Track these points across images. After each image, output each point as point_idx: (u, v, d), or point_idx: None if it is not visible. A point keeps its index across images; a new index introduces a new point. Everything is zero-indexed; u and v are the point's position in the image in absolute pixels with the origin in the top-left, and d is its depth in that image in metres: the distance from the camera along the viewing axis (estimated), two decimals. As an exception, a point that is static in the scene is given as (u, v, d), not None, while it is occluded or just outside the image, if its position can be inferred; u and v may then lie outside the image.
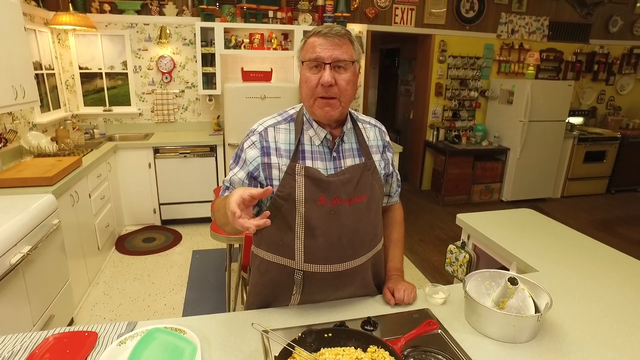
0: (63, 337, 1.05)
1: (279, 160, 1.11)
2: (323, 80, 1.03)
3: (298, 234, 1.10)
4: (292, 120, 1.16)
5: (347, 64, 1.05)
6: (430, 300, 1.26)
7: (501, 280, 1.23)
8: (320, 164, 1.12)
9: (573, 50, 5.50)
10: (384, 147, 1.26)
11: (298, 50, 1.12)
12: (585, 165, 5.43)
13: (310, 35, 1.08)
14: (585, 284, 1.41)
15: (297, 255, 1.12)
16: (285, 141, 1.13)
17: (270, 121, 1.17)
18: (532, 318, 1.07)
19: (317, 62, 1.04)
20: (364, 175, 1.15)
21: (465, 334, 1.12)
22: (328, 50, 1.03)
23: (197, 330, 1.08)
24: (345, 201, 1.11)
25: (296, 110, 1.19)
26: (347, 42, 1.06)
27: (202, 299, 2.83)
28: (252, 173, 1.12)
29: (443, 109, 5.27)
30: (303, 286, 1.16)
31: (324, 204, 1.09)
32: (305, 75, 1.08)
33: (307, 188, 1.09)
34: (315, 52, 1.04)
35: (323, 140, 1.13)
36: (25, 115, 3.18)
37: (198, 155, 3.88)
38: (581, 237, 1.81)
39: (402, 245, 1.37)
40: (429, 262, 3.53)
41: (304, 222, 1.09)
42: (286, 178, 1.09)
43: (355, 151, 1.18)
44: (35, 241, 1.97)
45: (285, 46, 4.22)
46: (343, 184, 1.11)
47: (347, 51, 1.06)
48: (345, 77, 1.06)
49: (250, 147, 1.14)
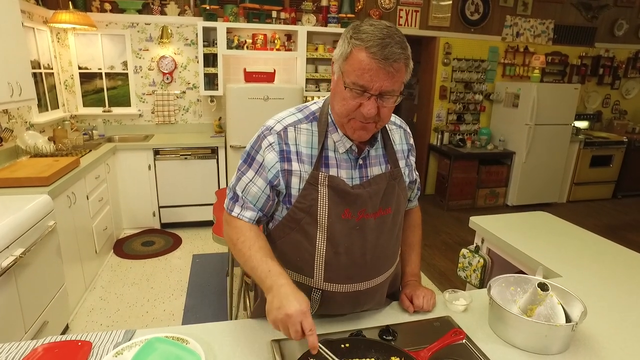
0: (54, 347, 0.96)
1: (300, 167, 0.98)
2: (365, 112, 0.89)
3: (319, 251, 1.00)
4: (314, 120, 1.02)
5: (394, 93, 0.89)
6: (450, 307, 1.18)
7: (527, 285, 1.15)
8: (344, 172, 1.00)
9: (578, 54, 5.44)
10: (408, 151, 1.15)
11: (340, 54, 0.91)
12: (592, 170, 5.35)
13: (361, 46, 0.85)
14: (615, 291, 1.32)
15: (316, 273, 1.02)
16: (307, 144, 0.99)
17: (290, 119, 1.02)
18: (566, 327, 0.98)
19: (362, 90, 0.87)
20: (390, 185, 1.04)
21: (491, 344, 1.03)
22: (379, 80, 0.85)
23: (201, 340, 0.99)
24: (371, 215, 1.01)
25: (319, 106, 1.04)
26: (402, 68, 0.87)
27: (202, 305, 2.73)
28: (271, 182, 0.99)
29: (447, 112, 5.20)
30: (319, 304, 1.06)
31: (349, 219, 0.99)
32: (342, 93, 0.90)
33: (331, 200, 0.97)
34: (362, 78, 0.86)
35: (348, 149, 1.01)
36: (22, 114, 3.09)
37: (199, 157, 3.80)
38: (602, 241, 1.73)
39: (420, 249, 1.28)
40: (435, 267, 3.44)
41: (327, 237, 0.99)
42: (308, 188, 0.98)
43: (382, 157, 1.06)
44: (28, 243, 1.88)
45: (289, 47, 4.15)
46: (370, 196, 1.00)
47: (400, 79, 0.88)
48: (389, 105, 0.91)
49: (268, 149, 0.98)
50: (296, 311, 0.83)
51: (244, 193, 1.02)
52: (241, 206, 1.02)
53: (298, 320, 0.83)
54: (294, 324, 0.83)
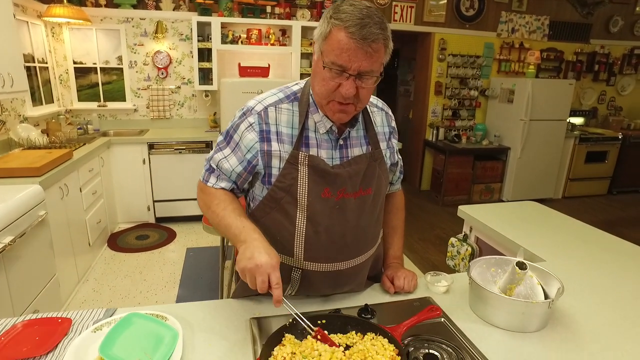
0: (33, 324, 0.97)
1: (280, 147, 0.99)
2: (343, 92, 0.89)
3: (299, 230, 1.01)
4: (295, 100, 1.02)
5: (373, 73, 0.90)
6: (432, 288, 1.18)
7: (508, 267, 1.16)
8: (324, 152, 1.01)
9: (573, 50, 5.45)
10: (390, 133, 1.16)
11: (319, 34, 0.90)
12: (587, 166, 5.36)
13: (340, 26, 0.85)
14: (596, 275, 1.32)
15: (296, 252, 1.03)
16: (288, 124, 1.00)
17: (271, 99, 1.02)
18: (542, 304, 0.99)
19: (340, 69, 0.88)
20: (371, 166, 1.05)
21: (470, 323, 1.04)
22: (357, 60, 0.85)
23: (180, 318, 1.00)
24: (351, 195, 1.01)
25: (300, 87, 1.05)
26: (381, 48, 0.87)
27: (194, 296, 2.74)
28: (249, 161, 1.00)
29: (443, 108, 5.20)
30: (300, 284, 1.07)
31: (329, 197, 0.99)
32: (322, 73, 0.90)
33: (310, 179, 0.98)
34: (340, 58, 0.86)
35: (329, 129, 1.01)
36: (16, 107, 3.10)
37: (194, 151, 3.80)
38: (589, 229, 1.74)
39: (402, 232, 1.29)
40: (428, 260, 3.44)
41: (306, 216, 0.99)
42: (287, 167, 0.98)
43: (363, 139, 1.07)
44: (18, 232, 1.88)
45: (283, 42, 4.16)
46: (350, 176, 1.01)
47: (378, 59, 0.88)
48: (368, 86, 0.91)
49: (248, 129, 0.99)
50: (266, 262, 0.85)
51: (218, 167, 1.04)
52: (217, 177, 1.05)
53: (267, 271, 0.85)
54: (261, 274, 0.85)
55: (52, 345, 0.89)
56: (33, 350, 0.87)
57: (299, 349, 0.83)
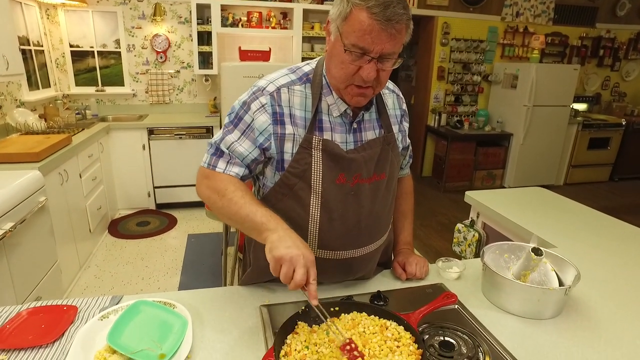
0: (38, 311, 0.94)
1: (294, 130, 0.94)
2: (365, 76, 0.85)
3: (313, 217, 0.97)
4: (307, 81, 0.97)
5: (395, 55, 0.85)
6: (443, 274, 1.16)
7: (521, 252, 1.14)
8: (338, 136, 0.97)
9: (579, 35, 5.36)
10: (401, 116, 1.12)
11: (338, 14, 0.84)
12: (589, 152, 5.33)
13: (361, 6, 0.80)
14: (609, 261, 1.31)
15: (310, 240, 0.99)
16: (301, 107, 0.95)
17: (283, 79, 0.97)
18: (559, 291, 0.97)
19: (362, 52, 0.83)
20: (384, 150, 1.01)
21: (483, 310, 1.02)
22: (380, 42, 0.81)
23: (189, 305, 0.97)
24: (366, 180, 0.98)
25: (312, 67, 0.99)
26: (403, 30, 0.82)
27: (197, 283, 2.73)
28: (262, 145, 0.94)
29: (445, 93, 5.14)
30: None
31: (344, 184, 0.96)
32: (340, 56, 0.85)
33: (325, 165, 0.94)
34: (362, 40, 0.81)
35: (343, 113, 0.97)
36: (12, 91, 3.03)
37: (194, 137, 3.75)
38: (598, 215, 1.72)
39: (412, 217, 1.27)
40: (431, 246, 3.44)
41: (321, 203, 0.96)
42: (301, 152, 0.94)
43: (376, 122, 1.03)
44: (18, 218, 1.85)
45: (284, 25, 4.07)
46: (365, 161, 0.97)
47: (400, 41, 0.84)
48: (388, 68, 0.87)
49: (260, 110, 0.93)
50: (308, 255, 0.80)
51: (230, 150, 0.96)
52: (227, 162, 0.97)
53: (307, 265, 0.79)
54: (303, 266, 0.78)
55: (58, 334, 0.87)
56: (39, 338, 0.85)
57: (312, 339, 0.81)
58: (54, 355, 0.81)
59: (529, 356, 0.86)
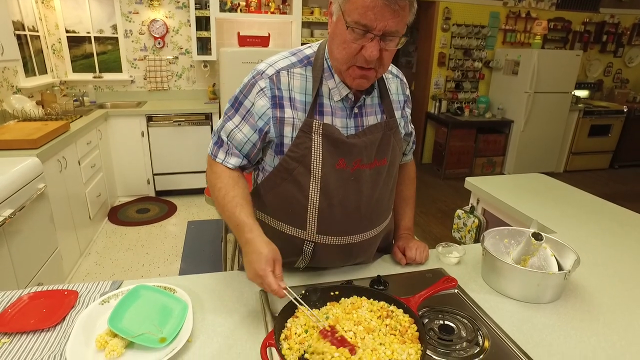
0: (39, 296, 0.94)
1: (293, 114, 0.93)
2: (367, 55, 0.82)
3: (312, 202, 0.96)
4: (308, 64, 0.95)
5: (398, 34, 0.83)
6: (443, 259, 1.16)
7: (521, 238, 1.14)
8: (339, 121, 0.95)
9: (582, 20, 5.29)
10: (404, 102, 1.10)
11: None
12: (590, 139, 5.31)
13: None
14: (608, 246, 1.31)
15: (309, 225, 0.98)
16: (301, 90, 0.94)
17: (283, 62, 0.95)
18: (559, 275, 0.97)
19: (364, 30, 0.81)
20: (386, 135, 1.00)
21: (483, 294, 1.02)
22: (383, 19, 0.79)
23: (189, 290, 0.98)
24: (366, 166, 0.97)
25: (313, 50, 0.97)
26: (407, 7, 0.80)
27: (197, 269, 2.74)
28: (262, 129, 0.94)
29: (446, 79, 5.10)
30: (311, 257, 1.04)
31: (344, 169, 0.95)
32: (342, 35, 0.83)
33: (325, 149, 0.93)
34: (365, 16, 0.79)
35: (344, 97, 0.95)
36: (8, 77, 3.00)
37: (193, 123, 3.73)
38: (598, 201, 1.71)
39: (414, 203, 1.26)
40: (431, 233, 3.45)
41: (320, 188, 0.95)
42: (301, 136, 0.92)
43: (378, 107, 1.01)
44: (17, 205, 1.85)
45: (284, 10, 4.01)
46: (366, 146, 0.96)
47: (404, 18, 0.81)
48: (391, 48, 0.85)
49: (259, 94, 0.92)
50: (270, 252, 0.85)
51: (229, 138, 0.97)
52: (226, 152, 0.98)
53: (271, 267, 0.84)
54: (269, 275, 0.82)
55: (59, 318, 0.87)
56: (40, 322, 0.85)
57: (311, 322, 0.81)
58: (55, 339, 0.82)
59: (528, 340, 0.86)
